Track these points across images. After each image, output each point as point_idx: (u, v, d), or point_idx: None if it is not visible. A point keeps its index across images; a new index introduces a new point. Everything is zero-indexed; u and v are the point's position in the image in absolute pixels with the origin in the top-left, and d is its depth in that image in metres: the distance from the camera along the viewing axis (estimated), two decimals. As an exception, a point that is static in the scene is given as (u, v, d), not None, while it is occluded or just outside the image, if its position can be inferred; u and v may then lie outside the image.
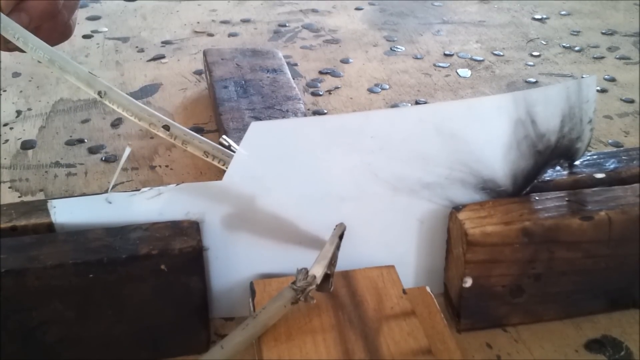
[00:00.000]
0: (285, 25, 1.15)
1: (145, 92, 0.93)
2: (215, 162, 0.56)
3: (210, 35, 1.12)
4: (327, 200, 0.54)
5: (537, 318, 0.56)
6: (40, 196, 0.72)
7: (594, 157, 0.61)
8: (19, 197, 0.71)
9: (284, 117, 0.74)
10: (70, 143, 0.81)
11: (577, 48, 1.07)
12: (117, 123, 0.84)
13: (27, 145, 0.81)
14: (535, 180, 0.57)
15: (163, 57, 1.03)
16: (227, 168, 0.53)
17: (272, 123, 0.58)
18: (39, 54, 0.59)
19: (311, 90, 0.93)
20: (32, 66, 1.00)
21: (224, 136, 0.56)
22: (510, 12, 1.22)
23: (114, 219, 0.52)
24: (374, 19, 1.19)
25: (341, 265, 0.51)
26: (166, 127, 0.56)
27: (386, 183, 0.54)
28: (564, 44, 1.08)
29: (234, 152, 0.54)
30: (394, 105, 0.89)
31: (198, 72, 0.98)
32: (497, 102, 0.54)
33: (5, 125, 0.85)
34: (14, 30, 0.60)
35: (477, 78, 0.97)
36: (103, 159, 0.78)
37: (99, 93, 0.56)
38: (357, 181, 0.54)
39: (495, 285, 0.54)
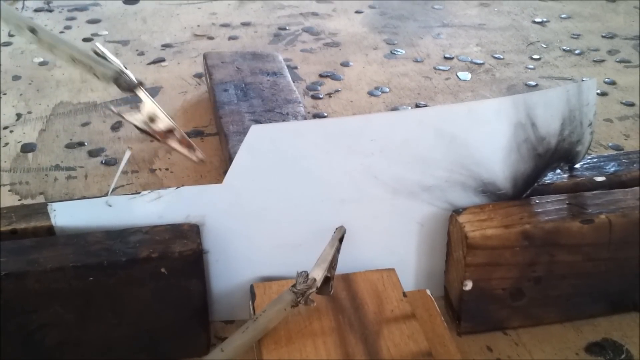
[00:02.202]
0: (285, 29, 1.15)
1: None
2: (85, 70, 0.52)
3: (211, 38, 1.12)
4: (327, 203, 0.54)
5: (537, 321, 0.56)
6: (40, 199, 0.72)
7: (594, 160, 0.61)
8: (19, 200, 0.71)
9: (284, 120, 0.74)
10: (70, 146, 0.81)
11: (577, 51, 1.07)
12: (117, 126, 0.84)
13: (27, 148, 0.81)
14: (536, 184, 0.57)
15: (163, 60, 1.03)
16: (96, 75, 0.51)
17: (272, 126, 0.58)
18: None
19: (311, 93, 0.93)
20: (32, 69, 1.00)
21: (97, 44, 0.53)
22: (510, 15, 1.22)
23: (114, 222, 0.52)
24: (374, 22, 1.19)
25: (341, 268, 0.51)
26: (32, 30, 0.52)
27: (386, 186, 0.54)
28: (564, 47, 1.08)
29: (106, 59, 0.51)
30: (394, 109, 0.89)
31: (198, 75, 0.98)
32: (497, 105, 0.54)
33: (5, 128, 0.85)
34: None
35: (477, 81, 0.97)
36: (103, 162, 0.78)
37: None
38: (357, 184, 0.54)
39: (495, 288, 0.54)
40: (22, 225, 0.52)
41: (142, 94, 0.52)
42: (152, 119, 0.51)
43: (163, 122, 0.51)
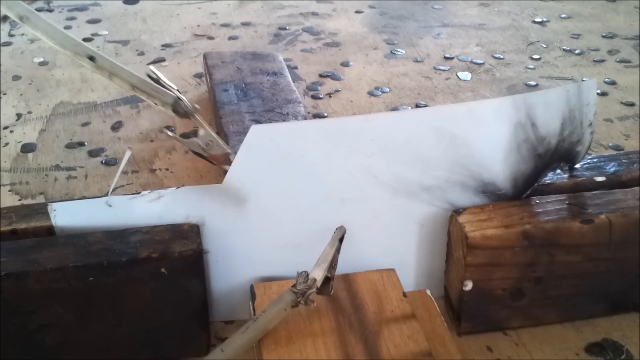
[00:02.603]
0: (285, 29, 1.15)
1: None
2: (143, 97, 0.53)
3: (211, 38, 1.12)
4: (327, 203, 0.54)
5: (537, 321, 0.56)
6: (40, 199, 0.72)
7: (594, 160, 0.61)
8: (19, 200, 0.71)
9: (284, 120, 0.74)
10: (70, 146, 0.81)
11: (577, 51, 1.07)
12: (117, 126, 0.84)
13: (27, 148, 0.81)
14: (536, 184, 0.57)
15: (163, 60, 1.03)
16: (156, 104, 0.51)
17: (272, 126, 0.58)
18: None
19: (311, 93, 0.93)
20: (33, 69, 1.00)
21: (151, 67, 0.53)
22: (510, 15, 1.22)
23: (114, 222, 0.52)
24: (374, 22, 1.19)
25: (341, 268, 0.51)
26: (91, 58, 0.52)
27: (386, 186, 0.54)
28: (564, 47, 1.08)
29: (163, 85, 0.52)
30: (394, 108, 0.89)
31: (198, 75, 0.98)
32: (497, 105, 0.54)
33: (5, 128, 0.85)
34: None
35: (478, 81, 0.97)
36: (103, 162, 0.78)
37: (21, 18, 0.52)
38: (357, 184, 0.54)
39: (495, 288, 0.54)
40: (22, 225, 0.52)
41: (198, 119, 0.53)
42: (208, 144, 0.53)
43: (219, 147, 0.53)
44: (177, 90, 0.53)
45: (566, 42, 1.11)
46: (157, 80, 0.53)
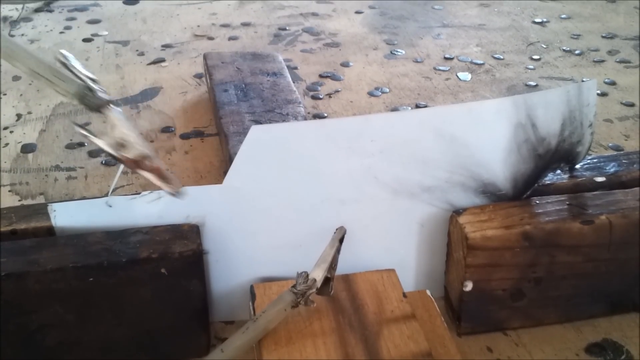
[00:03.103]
0: (285, 29, 1.15)
1: (145, 96, 0.93)
2: (44, 83, 0.45)
3: (211, 38, 1.12)
4: (328, 203, 0.54)
5: (537, 322, 0.56)
6: (40, 200, 0.72)
7: (594, 160, 0.61)
8: (19, 200, 0.71)
9: (284, 121, 0.74)
10: (70, 146, 0.81)
11: (577, 51, 1.07)
12: (117, 126, 0.84)
13: (27, 148, 0.80)
14: (536, 184, 0.57)
15: (163, 60, 1.03)
16: (57, 91, 0.44)
17: (272, 127, 0.58)
18: None
19: (311, 93, 0.93)
20: (33, 69, 1.00)
21: (62, 51, 0.45)
22: (510, 15, 1.22)
23: (114, 222, 0.52)
24: (374, 22, 1.19)
25: (341, 268, 0.51)
26: None
27: (386, 186, 0.54)
28: (564, 48, 1.08)
29: (71, 71, 0.45)
30: (394, 109, 0.89)
31: (198, 76, 0.98)
32: (497, 106, 0.54)
33: (5, 128, 0.85)
34: None
35: (478, 81, 0.97)
36: (103, 162, 0.78)
37: None
38: (357, 184, 0.54)
39: (495, 289, 0.54)
40: (22, 225, 0.52)
41: (111, 115, 0.45)
42: (122, 145, 0.44)
43: (134, 149, 0.44)
44: (91, 79, 0.45)
45: (566, 43, 1.11)
46: (67, 65, 0.45)
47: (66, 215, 0.52)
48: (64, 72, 0.44)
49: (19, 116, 0.87)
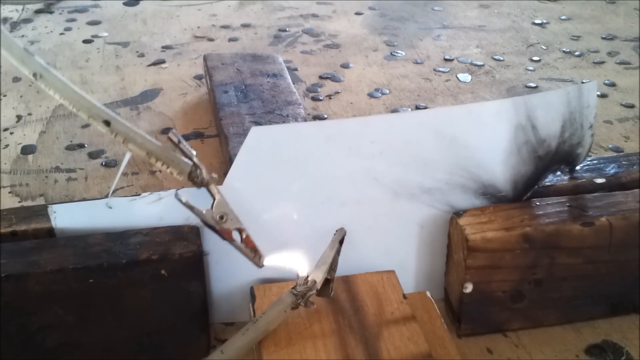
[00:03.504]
0: (285, 30, 1.15)
1: (145, 97, 0.93)
2: (158, 164, 0.50)
3: (211, 40, 1.12)
4: (328, 205, 0.54)
5: (537, 323, 0.56)
6: (40, 201, 0.72)
7: (594, 162, 0.61)
8: (19, 202, 0.71)
9: (284, 122, 0.74)
10: (70, 148, 0.81)
11: (577, 53, 1.07)
12: (117, 128, 0.84)
13: (27, 150, 0.81)
14: (536, 186, 0.57)
15: (163, 61, 1.04)
16: (171, 172, 0.49)
17: (272, 128, 0.58)
18: None
19: (311, 95, 0.93)
20: (33, 71, 1.00)
21: (173, 130, 0.50)
22: (510, 16, 1.22)
23: (114, 223, 0.52)
24: (374, 23, 1.19)
25: (341, 270, 0.51)
26: (107, 123, 0.49)
27: (386, 188, 0.54)
28: (564, 49, 1.08)
29: (183, 149, 0.50)
30: (394, 110, 0.89)
31: (198, 77, 0.98)
32: (497, 107, 0.54)
33: (5, 130, 0.85)
34: None
35: (477, 83, 0.97)
36: (103, 163, 0.78)
37: (34, 75, 0.48)
38: (357, 186, 0.54)
39: (495, 290, 0.54)
40: (22, 227, 0.52)
41: (215, 190, 0.50)
42: (222, 217, 0.49)
43: (233, 222, 0.50)
44: (195, 156, 0.50)
45: (566, 44, 1.11)
46: (176, 144, 0.50)
47: (66, 217, 0.52)
48: (174, 154, 0.49)
49: (19, 117, 0.87)
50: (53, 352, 0.50)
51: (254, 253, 0.51)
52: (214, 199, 0.50)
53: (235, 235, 0.50)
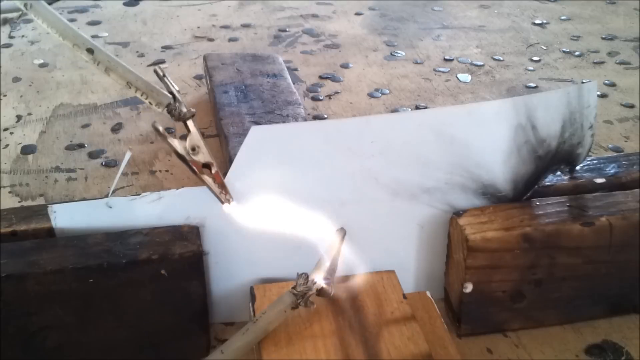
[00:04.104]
0: (285, 30, 1.15)
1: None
2: (138, 95, 0.53)
3: (211, 40, 1.12)
4: (328, 205, 0.54)
5: (537, 323, 0.56)
6: (40, 201, 0.72)
7: (594, 162, 0.61)
8: (19, 202, 0.71)
9: (284, 122, 0.74)
10: (70, 148, 0.81)
11: (577, 53, 1.07)
12: (117, 128, 0.84)
13: (27, 150, 0.81)
14: (536, 186, 0.57)
15: (163, 61, 1.04)
16: (150, 102, 0.51)
17: (272, 128, 0.58)
18: None
19: (311, 95, 0.93)
20: (33, 71, 1.00)
21: (159, 65, 0.54)
22: (510, 17, 1.22)
23: (114, 223, 0.52)
24: (374, 24, 1.19)
25: (341, 270, 0.51)
26: (90, 51, 0.52)
27: (386, 188, 0.54)
28: (564, 49, 1.08)
29: (167, 84, 0.52)
30: (394, 110, 0.89)
31: (198, 77, 0.98)
32: (497, 107, 0.54)
33: (5, 130, 0.85)
34: None
35: (477, 83, 0.97)
36: (103, 163, 0.78)
37: (25, 5, 0.51)
38: (357, 186, 0.54)
39: (495, 290, 0.54)
40: (22, 226, 0.52)
41: (191, 124, 0.52)
42: (193, 149, 0.51)
43: (204, 156, 0.52)
44: (177, 91, 0.52)
45: (566, 44, 1.11)
46: (161, 77, 0.52)
47: (66, 217, 0.52)
48: (153, 86, 0.52)
49: (19, 117, 0.87)
50: (53, 353, 0.50)
51: (221, 189, 0.52)
52: (189, 132, 0.52)
53: (208, 170, 0.52)
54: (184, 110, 0.52)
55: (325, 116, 0.88)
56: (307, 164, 0.53)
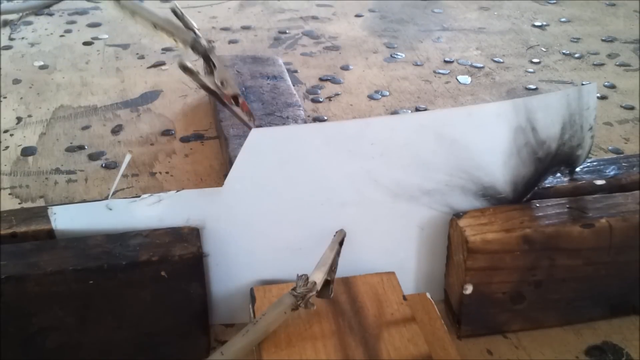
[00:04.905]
0: (285, 32, 1.15)
1: (145, 99, 0.93)
2: (164, 35, 0.56)
3: (211, 42, 1.12)
4: (327, 206, 0.54)
5: (537, 324, 0.56)
6: (40, 203, 0.72)
7: (594, 163, 0.61)
8: (19, 203, 0.71)
9: (284, 124, 0.74)
10: (70, 150, 0.81)
11: (577, 55, 1.07)
12: (117, 130, 0.84)
13: (27, 151, 0.81)
14: (536, 187, 0.57)
15: (163, 63, 1.04)
16: (175, 40, 0.55)
17: (272, 130, 0.58)
18: None
19: (311, 96, 0.93)
20: (33, 73, 1.00)
21: (175, 3, 0.56)
22: (510, 19, 1.22)
23: (114, 225, 0.52)
24: (374, 26, 1.19)
25: (341, 271, 0.51)
26: None
27: (386, 189, 0.54)
28: (564, 51, 1.09)
29: (186, 22, 0.55)
30: (394, 112, 0.90)
31: (198, 79, 0.98)
32: (497, 109, 0.54)
33: (5, 132, 0.85)
34: None
35: (477, 85, 0.97)
36: (103, 165, 0.78)
37: None
38: (357, 187, 0.54)
39: (495, 292, 0.54)
40: (22, 228, 0.52)
41: (215, 58, 0.56)
42: (222, 83, 0.55)
43: (232, 88, 0.56)
44: (197, 29, 0.57)
45: (566, 46, 1.11)
46: (180, 17, 0.56)
47: (66, 218, 0.52)
48: (178, 24, 0.56)
49: (19, 119, 0.87)
50: (53, 354, 0.50)
51: (248, 116, 0.58)
52: (215, 67, 0.56)
53: (236, 100, 0.57)
54: (206, 44, 0.56)
55: (325, 118, 0.88)
56: (307, 166, 0.53)
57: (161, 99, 0.93)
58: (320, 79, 0.98)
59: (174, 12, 0.56)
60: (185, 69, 0.53)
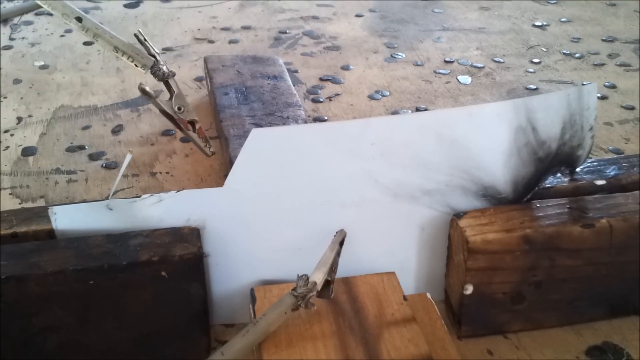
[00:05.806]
0: (285, 32, 1.15)
1: (145, 99, 0.92)
2: (124, 58, 0.58)
3: (211, 42, 1.12)
4: (328, 206, 0.54)
5: (537, 325, 0.56)
6: (40, 203, 0.72)
7: (595, 163, 0.61)
8: (20, 203, 0.71)
9: (284, 124, 0.74)
10: (70, 150, 0.81)
11: (577, 55, 1.07)
12: (117, 130, 0.84)
13: (27, 152, 0.81)
14: (536, 187, 0.57)
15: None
16: (136, 65, 0.58)
17: (272, 130, 0.58)
18: None
19: (312, 96, 0.93)
20: (33, 73, 1.00)
21: (139, 29, 0.58)
22: (510, 19, 1.22)
23: (114, 225, 0.52)
24: (375, 25, 1.19)
25: (342, 271, 0.51)
26: (78, 19, 0.56)
27: (387, 189, 0.54)
28: (564, 51, 1.08)
29: (148, 47, 0.57)
30: (395, 112, 0.90)
31: (199, 79, 0.98)
32: (497, 109, 0.54)
33: (5, 132, 0.85)
34: None
35: (478, 85, 0.97)
36: (104, 165, 0.78)
37: None
38: (357, 188, 0.54)
39: (496, 292, 0.54)
40: (23, 228, 0.52)
41: (174, 84, 0.58)
42: (179, 109, 0.58)
43: (189, 114, 0.58)
44: (158, 54, 0.59)
45: (566, 46, 1.11)
46: (142, 42, 0.59)
47: (67, 218, 0.52)
48: (140, 48, 0.59)
49: (19, 119, 0.87)
50: (54, 353, 0.50)
51: (205, 142, 0.60)
52: (174, 92, 0.59)
53: (190, 127, 0.59)
54: (166, 70, 0.58)
55: (326, 118, 0.88)
56: (307, 166, 0.53)
57: (161, 99, 0.92)
58: (321, 79, 0.98)
59: (137, 37, 0.59)
60: (144, 92, 0.57)
